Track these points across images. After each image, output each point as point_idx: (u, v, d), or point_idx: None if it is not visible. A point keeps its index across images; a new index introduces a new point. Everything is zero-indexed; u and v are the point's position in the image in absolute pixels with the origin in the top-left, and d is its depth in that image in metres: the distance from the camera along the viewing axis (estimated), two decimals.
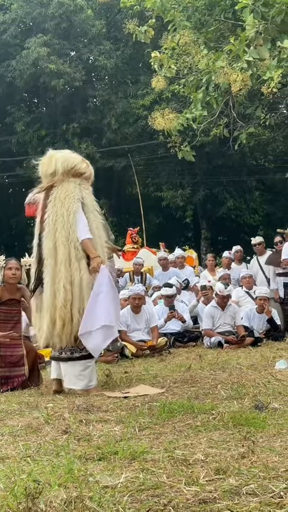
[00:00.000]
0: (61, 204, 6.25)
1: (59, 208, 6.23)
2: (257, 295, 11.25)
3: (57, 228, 6.17)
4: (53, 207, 6.27)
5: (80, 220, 6.20)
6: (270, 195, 29.40)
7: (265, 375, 6.28)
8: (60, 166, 6.39)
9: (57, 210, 6.23)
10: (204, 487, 2.76)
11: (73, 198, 6.27)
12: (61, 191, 6.33)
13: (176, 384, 6.12)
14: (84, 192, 6.43)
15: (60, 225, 6.16)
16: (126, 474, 2.98)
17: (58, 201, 6.27)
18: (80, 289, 6.05)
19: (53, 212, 6.24)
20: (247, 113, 15.53)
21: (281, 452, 3.29)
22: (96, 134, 27.20)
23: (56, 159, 6.46)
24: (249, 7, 10.03)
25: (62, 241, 6.12)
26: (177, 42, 13.03)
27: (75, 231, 6.15)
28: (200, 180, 27.54)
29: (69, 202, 6.24)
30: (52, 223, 6.20)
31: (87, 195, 6.45)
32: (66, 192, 6.32)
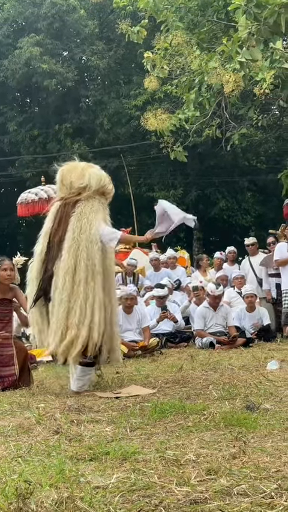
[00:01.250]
0: (86, 220, 6.16)
1: (83, 224, 6.14)
2: (244, 294, 11.30)
3: (80, 244, 6.08)
4: (77, 222, 6.16)
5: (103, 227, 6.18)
6: (263, 196, 29.43)
7: (256, 376, 6.29)
8: (94, 184, 6.34)
9: (81, 226, 6.13)
10: (195, 487, 2.76)
11: (98, 216, 6.24)
12: (87, 207, 6.26)
13: (167, 384, 6.12)
14: (105, 211, 6.45)
15: (83, 243, 6.07)
16: (117, 474, 2.97)
17: (84, 217, 6.19)
18: (91, 309, 5.98)
19: (77, 227, 6.13)
20: (239, 113, 15.55)
21: (272, 453, 3.30)
22: (89, 134, 27.19)
23: (90, 175, 6.38)
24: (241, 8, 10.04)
25: (83, 259, 6.03)
26: (170, 43, 13.04)
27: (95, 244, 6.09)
28: (192, 180, 27.56)
29: (93, 219, 6.18)
30: (75, 239, 6.10)
31: (106, 215, 6.46)
32: (92, 208, 6.26)
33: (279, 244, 12.09)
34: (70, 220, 6.19)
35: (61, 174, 6.52)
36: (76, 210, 6.23)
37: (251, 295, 11.18)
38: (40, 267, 6.27)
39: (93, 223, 6.15)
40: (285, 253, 11.56)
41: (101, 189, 6.42)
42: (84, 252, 6.05)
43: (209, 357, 8.61)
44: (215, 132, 14.36)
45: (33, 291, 6.30)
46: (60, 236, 6.19)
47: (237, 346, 10.18)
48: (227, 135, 14.93)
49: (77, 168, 6.51)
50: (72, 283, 6.00)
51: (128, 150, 27.18)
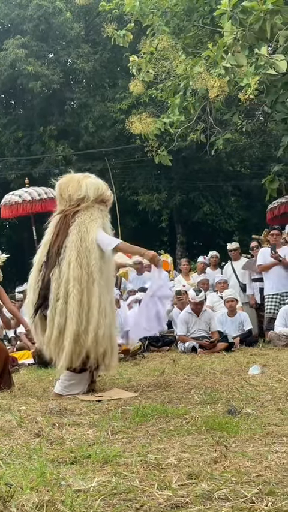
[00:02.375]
0: (86, 229, 6.22)
1: (83, 233, 6.20)
2: (225, 298, 11.34)
3: (80, 253, 6.13)
4: (77, 232, 6.22)
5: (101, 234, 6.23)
6: (246, 201, 29.52)
7: (238, 380, 6.30)
8: (92, 194, 6.39)
9: (81, 235, 6.19)
10: (176, 491, 2.76)
11: (96, 224, 6.28)
12: (86, 216, 6.32)
13: (149, 388, 6.13)
14: (105, 219, 6.48)
15: (83, 251, 6.13)
16: (98, 478, 2.97)
17: (83, 226, 6.24)
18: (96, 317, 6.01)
19: (77, 236, 6.19)
20: (224, 118, 15.60)
21: (253, 457, 3.30)
22: (73, 137, 27.16)
23: (87, 185, 6.43)
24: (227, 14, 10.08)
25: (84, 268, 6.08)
26: (156, 47, 13.07)
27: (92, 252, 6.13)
28: (176, 184, 27.59)
29: (92, 227, 6.24)
30: (77, 248, 6.15)
31: (106, 222, 6.49)
32: (91, 217, 6.32)
33: (262, 249, 12.15)
34: (70, 230, 6.25)
35: (59, 188, 6.57)
36: (76, 220, 6.28)
37: (231, 300, 11.23)
38: (37, 275, 6.31)
39: (91, 232, 6.20)
40: (268, 258, 11.61)
41: (99, 197, 6.47)
42: (85, 261, 6.10)
43: (191, 361, 8.62)
44: (200, 137, 14.42)
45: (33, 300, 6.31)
46: (59, 245, 6.23)
47: (219, 350, 10.20)
48: (212, 139, 14.98)
49: (73, 180, 6.54)
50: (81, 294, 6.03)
51: (112, 153, 27.17)
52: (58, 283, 6.08)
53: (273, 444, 3.60)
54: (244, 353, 9.71)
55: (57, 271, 6.12)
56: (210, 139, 15.01)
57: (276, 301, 11.47)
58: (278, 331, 10.69)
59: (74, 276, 6.02)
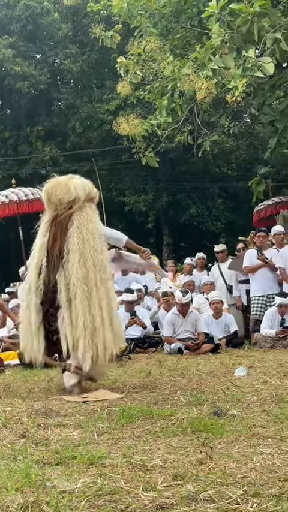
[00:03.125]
0: (86, 230, 6.32)
1: (85, 234, 6.30)
2: (211, 300, 11.35)
3: (85, 254, 6.23)
4: (79, 234, 6.30)
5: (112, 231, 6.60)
6: (233, 202, 29.59)
7: (224, 382, 6.31)
8: (82, 194, 6.46)
9: (83, 237, 6.28)
10: (161, 492, 2.76)
11: (96, 223, 6.45)
12: (83, 217, 6.41)
13: (135, 389, 6.12)
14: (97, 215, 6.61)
15: (87, 251, 6.23)
16: (83, 479, 2.96)
17: (83, 227, 6.34)
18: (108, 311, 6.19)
19: (79, 238, 6.28)
20: (211, 120, 15.62)
21: (238, 459, 3.31)
22: (60, 138, 27.13)
23: (75, 187, 6.49)
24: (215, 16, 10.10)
25: (90, 267, 6.19)
26: (144, 48, 13.07)
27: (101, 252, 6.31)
28: (163, 186, 27.62)
29: (93, 228, 6.37)
30: (79, 249, 6.24)
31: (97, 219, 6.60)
32: (88, 218, 6.42)
33: (248, 251, 12.17)
34: (69, 233, 6.32)
35: (47, 194, 6.58)
36: (74, 223, 6.35)
37: (216, 301, 11.23)
38: (37, 279, 6.35)
39: (95, 232, 6.34)
40: (255, 260, 11.64)
41: (88, 196, 6.54)
42: (90, 261, 6.20)
43: (177, 363, 8.63)
44: (187, 139, 14.43)
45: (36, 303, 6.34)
46: (60, 248, 6.31)
47: (205, 352, 10.21)
48: (199, 141, 15.00)
49: (60, 184, 6.57)
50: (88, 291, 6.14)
51: (99, 154, 27.16)
52: (66, 285, 6.16)
53: (259, 446, 3.61)
54: (230, 355, 9.72)
55: (63, 274, 6.20)
56: (198, 141, 15.03)
57: (262, 303, 11.50)
58: (264, 333, 10.71)
59: (78, 276, 6.12)
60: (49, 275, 6.30)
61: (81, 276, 6.15)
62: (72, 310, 6.13)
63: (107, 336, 6.10)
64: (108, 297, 6.26)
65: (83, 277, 6.15)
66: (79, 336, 6.05)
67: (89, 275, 6.18)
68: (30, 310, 6.35)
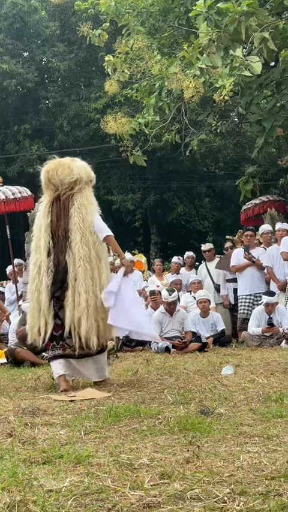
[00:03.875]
0: (86, 210, 6.48)
1: (84, 214, 6.45)
2: (198, 299, 11.36)
3: (85, 233, 6.39)
4: (79, 214, 6.45)
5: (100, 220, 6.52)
6: (220, 201, 29.65)
7: (211, 380, 6.32)
8: (84, 175, 6.65)
9: (83, 217, 6.44)
10: (148, 491, 2.76)
11: (94, 205, 6.61)
12: (84, 198, 6.57)
13: (122, 388, 6.12)
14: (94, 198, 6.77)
15: (87, 232, 6.40)
16: (70, 478, 2.96)
17: (83, 208, 6.49)
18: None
19: (79, 218, 6.43)
20: (199, 119, 15.63)
21: (225, 457, 3.31)
22: (48, 136, 27.08)
23: (78, 168, 6.66)
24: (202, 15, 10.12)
25: (92, 246, 6.37)
26: (131, 47, 13.09)
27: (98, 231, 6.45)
28: (150, 185, 27.63)
29: (93, 209, 6.54)
30: (80, 229, 6.40)
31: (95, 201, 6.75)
32: (88, 199, 6.59)
33: (235, 250, 12.21)
34: (71, 213, 6.48)
35: (47, 174, 6.71)
36: (75, 203, 6.51)
37: (204, 300, 11.24)
38: (47, 259, 6.43)
39: (94, 214, 6.52)
40: (242, 259, 11.66)
41: (89, 178, 6.73)
42: (91, 240, 6.40)
43: (164, 361, 8.63)
44: (175, 137, 14.43)
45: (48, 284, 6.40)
46: (65, 229, 6.45)
47: (193, 351, 10.22)
48: (186, 140, 15.01)
49: (62, 165, 6.71)
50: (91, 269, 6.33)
51: (87, 152, 27.10)
52: (73, 265, 6.32)
53: (246, 444, 3.62)
54: (217, 353, 9.73)
55: (71, 254, 6.35)
56: (185, 140, 15.05)
57: (249, 302, 11.54)
58: (251, 331, 10.74)
59: (81, 255, 6.29)
60: (58, 256, 6.41)
61: (83, 255, 6.31)
62: (76, 289, 6.27)
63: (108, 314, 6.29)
64: (107, 275, 6.42)
65: (85, 256, 6.31)
66: (81, 314, 6.19)
67: (91, 254, 6.35)
68: (40, 291, 6.41)
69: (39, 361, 9.09)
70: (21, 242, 15.43)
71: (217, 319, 11.45)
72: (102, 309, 6.29)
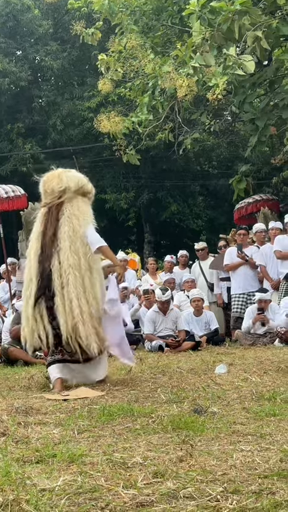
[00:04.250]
0: (77, 220, 6.53)
1: (75, 224, 6.50)
2: (191, 297, 11.37)
3: (76, 242, 6.43)
4: (69, 223, 6.50)
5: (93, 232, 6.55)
6: (214, 200, 29.64)
7: (205, 379, 6.32)
8: (72, 185, 6.69)
9: (74, 227, 6.48)
10: (142, 490, 2.76)
11: (88, 216, 6.66)
12: (75, 208, 6.62)
13: (116, 387, 6.12)
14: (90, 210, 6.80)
15: (79, 241, 6.44)
16: (64, 477, 2.96)
17: (74, 218, 6.54)
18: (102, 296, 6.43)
19: (70, 227, 6.48)
20: (192, 118, 15.64)
21: (218, 456, 3.32)
22: (41, 135, 27.03)
23: (67, 177, 6.75)
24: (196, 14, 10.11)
25: (82, 255, 6.40)
26: (124, 46, 13.08)
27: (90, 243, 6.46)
28: (144, 183, 27.61)
29: (84, 220, 6.57)
30: (70, 238, 6.44)
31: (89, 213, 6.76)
32: (79, 209, 6.63)
33: (229, 249, 12.23)
34: (60, 222, 6.53)
35: (43, 184, 6.84)
36: (65, 213, 6.57)
37: (197, 299, 11.26)
38: (37, 267, 6.50)
39: (83, 225, 6.52)
40: (235, 258, 11.68)
41: (81, 189, 6.75)
42: (81, 250, 6.42)
43: (157, 360, 8.63)
44: (168, 136, 14.44)
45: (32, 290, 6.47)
46: (51, 237, 6.50)
47: (186, 349, 10.23)
48: (180, 139, 15.02)
49: (55, 175, 6.85)
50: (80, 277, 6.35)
51: (80, 151, 27.09)
52: (60, 273, 6.34)
53: (239, 443, 3.62)
54: (211, 352, 9.75)
55: (56, 263, 6.37)
56: (178, 138, 15.05)
57: (243, 300, 11.56)
58: (243, 327, 10.77)
59: (70, 263, 6.32)
60: (43, 264, 6.44)
61: (73, 263, 6.34)
62: (65, 296, 6.27)
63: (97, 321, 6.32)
64: (101, 285, 6.45)
65: (75, 264, 6.34)
66: (77, 321, 6.20)
67: (81, 262, 6.37)
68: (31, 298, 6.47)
69: (32, 360, 9.08)
70: (15, 241, 15.40)
71: (210, 317, 11.46)
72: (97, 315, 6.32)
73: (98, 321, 6.34)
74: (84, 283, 6.32)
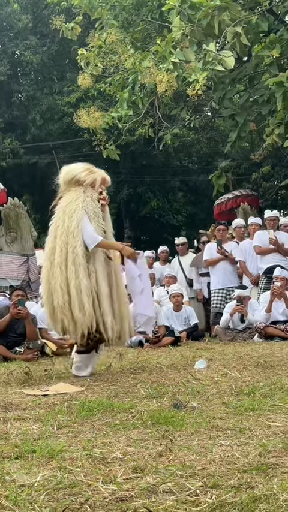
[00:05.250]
0: (63, 212, 6.60)
1: (60, 215, 6.59)
2: (171, 293, 11.38)
3: (57, 234, 6.52)
4: (57, 215, 6.64)
5: (85, 228, 6.51)
6: (194, 196, 29.66)
7: (184, 374, 6.33)
8: (62, 179, 6.81)
9: (59, 218, 6.59)
10: (121, 485, 2.76)
11: (76, 206, 6.59)
12: (65, 200, 6.70)
13: (96, 382, 6.12)
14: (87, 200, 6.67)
15: (60, 231, 6.50)
16: (43, 473, 2.95)
17: (61, 210, 6.64)
18: (77, 291, 6.33)
19: (55, 220, 6.62)
20: (172, 114, 15.65)
21: (198, 451, 3.32)
22: (21, 129, 26.90)
23: (62, 172, 6.86)
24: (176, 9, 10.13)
25: (59, 245, 6.45)
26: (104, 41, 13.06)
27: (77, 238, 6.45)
28: (124, 179, 27.57)
29: (71, 210, 6.56)
30: (54, 230, 6.59)
31: (89, 203, 6.66)
32: (67, 201, 6.67)
33: (208, 244, 12.26)
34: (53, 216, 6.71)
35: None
36: (57, 206, 6.73)
37: (177, 295, 11.27)
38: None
39: (72, 215, 6.53)
40: (215, 253, 11.71)
41: (72, 180, 6.78)
42: (60, 239, 6.46)
43: (137, 356, 8.64)
44: (148, 132, 14.44)
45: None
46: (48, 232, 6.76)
47: (166, 345, 10.24)
48: (160, 134, 15.03)
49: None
50: (50, 267, 6.49)
51: (60, 146, 26.99)
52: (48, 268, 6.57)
53: (218, 438, 3.63)
54: (190, 347, 9.76)
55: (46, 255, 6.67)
56: (158, 134, 15.06)
57: (222, 296, 11.59)
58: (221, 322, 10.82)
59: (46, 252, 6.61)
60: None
61: (47, 252, 6.54)
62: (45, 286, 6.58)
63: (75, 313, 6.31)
64: (78, 279, 6.35)
65: (49, 254, 6.51)
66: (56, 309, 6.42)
67: (56, 252, 6.45)
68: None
69: (11, 356, 9.04)
70: None
71: (190, 313, 11.48)
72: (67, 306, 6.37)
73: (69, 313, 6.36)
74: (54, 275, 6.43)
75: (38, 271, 12.33)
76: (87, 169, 6.86)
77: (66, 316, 6.34)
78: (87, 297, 6.31)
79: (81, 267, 6.38)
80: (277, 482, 2.74)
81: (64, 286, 6.34)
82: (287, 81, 10.45)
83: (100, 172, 6.93)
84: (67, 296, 6.33)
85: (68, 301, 6.33)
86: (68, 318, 6.34)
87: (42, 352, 9.39)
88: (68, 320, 6.35)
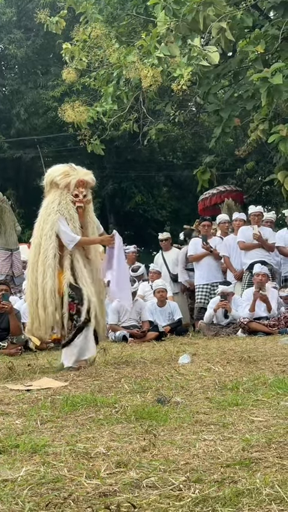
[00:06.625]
0: (40, 215, 6.85)
1: (39, 218, 6.84)
2: (155, 288, 11.39)
3: (35, 235, 6.81)
4: (39, 216, 6.89)
5: (63, 230, 6.69)
6: (178, 191, 29.69)
7: (168, 369, 6.34)
8: (44, 181, 7.04)
9: (39, 219, 6.84)
10: (104, 480, 2.76)
11: (52, 209, 6.78)
12: (45, 202, 6.93)
13: (79, 377, 6.11)
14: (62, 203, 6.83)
15: (36, 233, 6.78)
16: (26, 468, 2.95)
17: (41, 211, 6.89)
18: (43, 292, 6.58)
19: (37, 220, 6.86)
20: (157, 109, 15.65)
21: (181, 446, 3.33)
22: (5, 124, 26.82)
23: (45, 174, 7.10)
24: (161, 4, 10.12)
25: (34, 246, 6.79)
26: (89, 35, 13.02)
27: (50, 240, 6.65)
28: (108, 173, 27.54)
29: (47, 213, 6.77)
30: (35, 230, 6.85)
31: (64, 206, 6.81)
32: (46, 203, 6.89)
33: (193, 239, 12.26)
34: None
35: None
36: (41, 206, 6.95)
37: (161, 290, 11.28)
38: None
39: (47, 218, 6.74)
40: (199, 248, 11.72)
41: (51, 183, 6.95)
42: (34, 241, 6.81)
43: (121, 350, 8.63)
44: (132, 126, 14.44)
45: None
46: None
47: (150, 340, 10.25)
48: (144, 129, 15.02)
49: None
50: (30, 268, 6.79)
51: (44, 141, 26.93)
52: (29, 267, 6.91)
53: (202, 432, 3.64)
54: (174, 342, 9.78)
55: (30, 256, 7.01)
56: (143, 129, 15.05)
57: (206, 291, 11.61)
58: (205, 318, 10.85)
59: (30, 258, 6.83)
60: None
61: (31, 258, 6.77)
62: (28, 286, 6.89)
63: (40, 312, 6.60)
64: (45, 280, 6.56)
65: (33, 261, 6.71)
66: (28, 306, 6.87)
67: (31, 254, 6.81)
68: None
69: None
70: None
71: (174, 308, 11.50)
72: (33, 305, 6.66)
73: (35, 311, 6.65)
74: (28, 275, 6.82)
75: (22, 266, 12.30)
76: (63, 173, 6.95)
77: (32, 314, 6.65)
78: (51, 298, 6.54)
79: (50, 268, 6.58)
80: (260, 477, 2.74)
81: (33, 285, 6.63)
82: (271, 77, 10.47)
83: (77, 175, 6.99)
84: (35, 295, 6.61)
85: (36, 299, 6.60)
86: (34, 315, 6.63)
87: (26, 347, 9.37)
88: (33, 317, 6.64)
